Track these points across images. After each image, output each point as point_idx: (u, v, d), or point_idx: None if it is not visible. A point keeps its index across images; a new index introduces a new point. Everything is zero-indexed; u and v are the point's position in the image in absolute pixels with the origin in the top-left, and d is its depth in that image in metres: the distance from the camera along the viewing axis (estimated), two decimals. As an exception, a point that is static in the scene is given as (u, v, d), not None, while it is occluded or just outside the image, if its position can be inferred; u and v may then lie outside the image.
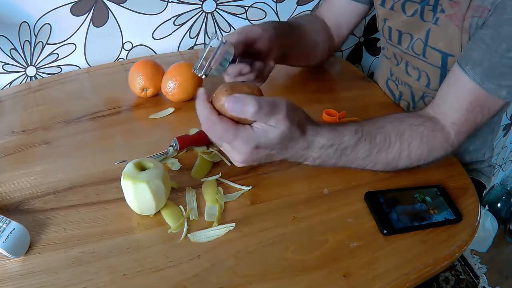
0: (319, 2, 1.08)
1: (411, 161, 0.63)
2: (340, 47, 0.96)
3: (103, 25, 0.88)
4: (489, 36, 0.60)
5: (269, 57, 0.70)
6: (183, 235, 0.55)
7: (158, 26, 0.94)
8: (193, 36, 1.00)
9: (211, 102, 0.53)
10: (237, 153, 0.53)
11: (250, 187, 0.62)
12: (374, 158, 0.61)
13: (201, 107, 0.53)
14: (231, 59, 0.63)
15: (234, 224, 0.56)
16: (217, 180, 0.63)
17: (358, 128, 0.60)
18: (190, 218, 0.57)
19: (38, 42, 0.84)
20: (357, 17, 0.90)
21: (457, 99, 0.64)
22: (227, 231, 0.56)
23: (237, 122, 0.52)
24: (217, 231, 0.56)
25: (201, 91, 0.53)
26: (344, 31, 0.91)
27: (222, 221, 0.57)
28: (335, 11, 0.89)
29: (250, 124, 0.52)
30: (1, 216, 0.51)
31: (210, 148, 0.69)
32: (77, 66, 0.91)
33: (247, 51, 0.67)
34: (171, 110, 0.78)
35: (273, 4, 1.03)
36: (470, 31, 0.65)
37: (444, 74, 0.68)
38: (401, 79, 0.85)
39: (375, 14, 0.87)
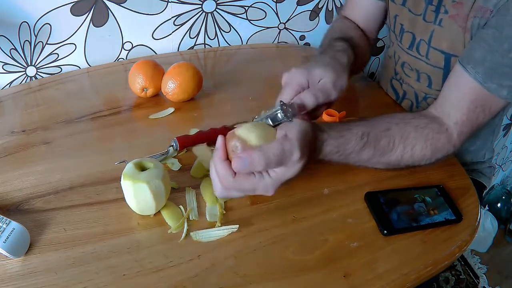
0: (320, 3, 1.08)
1: (413, 162, 0.64)
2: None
3: (103, 25, 0.88)
4: (491, 36, 0.60)
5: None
6: (183, 235, 0.55)
7: (158, 26, 0.94)
8: (193, 36, 1.00)
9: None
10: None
11: None
12: (376, 160, 0.62)
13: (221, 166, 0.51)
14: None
15: (238, 226, 0.56)
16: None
17: (365, 132, 0.60)
18: (190, 218, 0.57)
19: (38, 42, 0.84)
20: (382, 15, 0.87)
21: (459, 98, 0.64)
22: (230, 232, 0.56)
23: None
24: (220, 232, 0.56)
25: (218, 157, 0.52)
26: (374, 32, 0.89)
27: (222, 221, 0.57)
28: (363, 12, 0.87)
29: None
30: (1, 216, 0.51)
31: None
32: (77, 66, 0.91)
33: None
34: (171, 110, 0.78)
35: (273, 4, 1.03)
36: (472, 31, 0.65)
37: (448, 74, 0.68)
38: (404, 79, 0.85)
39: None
